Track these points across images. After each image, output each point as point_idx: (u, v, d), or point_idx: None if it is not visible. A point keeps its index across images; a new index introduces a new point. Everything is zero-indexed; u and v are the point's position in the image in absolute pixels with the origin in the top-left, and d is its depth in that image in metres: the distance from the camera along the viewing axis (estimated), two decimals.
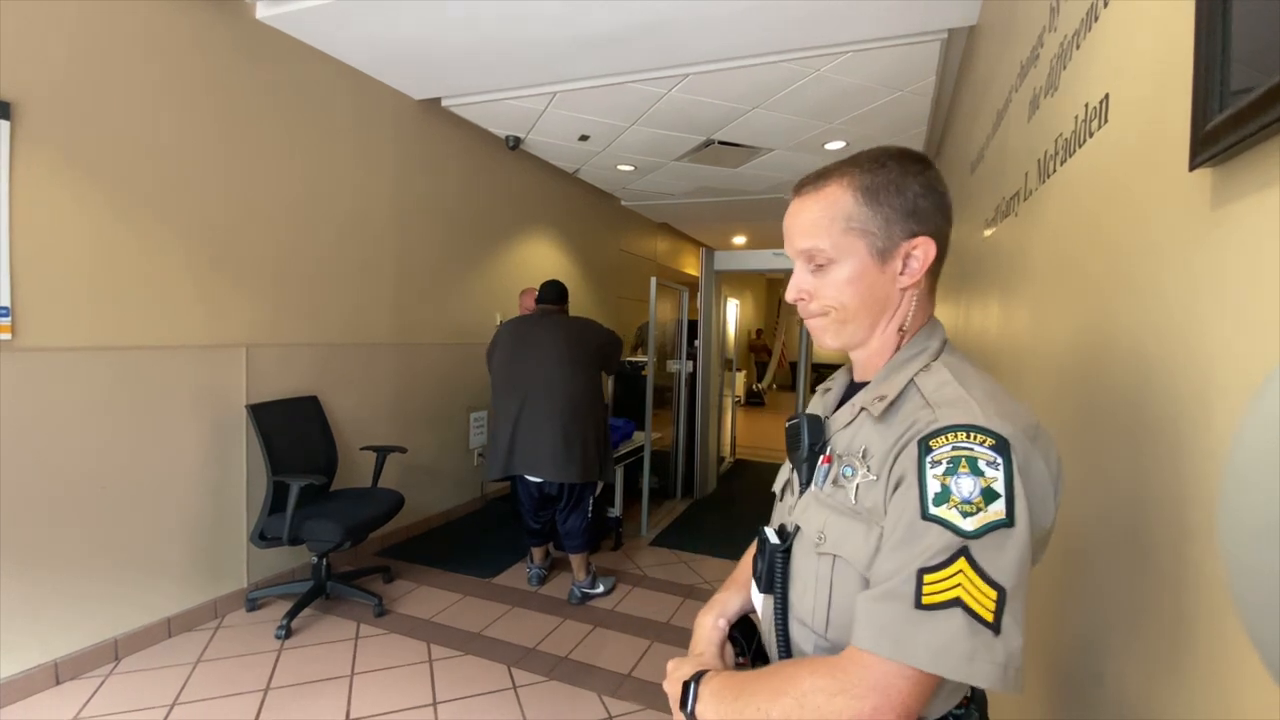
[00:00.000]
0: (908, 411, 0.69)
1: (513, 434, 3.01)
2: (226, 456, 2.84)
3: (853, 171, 0.73)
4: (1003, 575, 0.58)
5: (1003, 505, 0.59)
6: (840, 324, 0.76)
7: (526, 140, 4.59)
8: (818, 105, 3.72)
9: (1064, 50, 1.16)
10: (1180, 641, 0.67)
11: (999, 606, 0.58)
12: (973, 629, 0.57)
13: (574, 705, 2.27)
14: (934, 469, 0.62)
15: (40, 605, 2.23)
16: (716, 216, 7.30)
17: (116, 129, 2.39)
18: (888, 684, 0.59)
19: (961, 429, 0.62)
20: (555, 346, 3.03)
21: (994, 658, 0.57)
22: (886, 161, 0.73)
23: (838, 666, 0.62)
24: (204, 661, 2.45)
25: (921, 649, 0.58)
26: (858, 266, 0.73)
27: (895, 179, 0.72)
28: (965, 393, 0.66)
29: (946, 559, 0.59)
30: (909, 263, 0.73)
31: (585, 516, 3.12)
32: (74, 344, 2.29)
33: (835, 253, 0.73)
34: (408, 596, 3.10)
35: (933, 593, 0.59)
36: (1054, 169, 1.20)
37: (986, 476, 0.60)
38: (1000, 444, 0.61)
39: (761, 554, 0.81)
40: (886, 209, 0.72)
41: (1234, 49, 0.57)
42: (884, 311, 0.75)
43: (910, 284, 0.74)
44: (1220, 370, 0.61)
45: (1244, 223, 0.58)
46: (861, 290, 0.73)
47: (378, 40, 3.09)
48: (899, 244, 0.72)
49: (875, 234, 0.72)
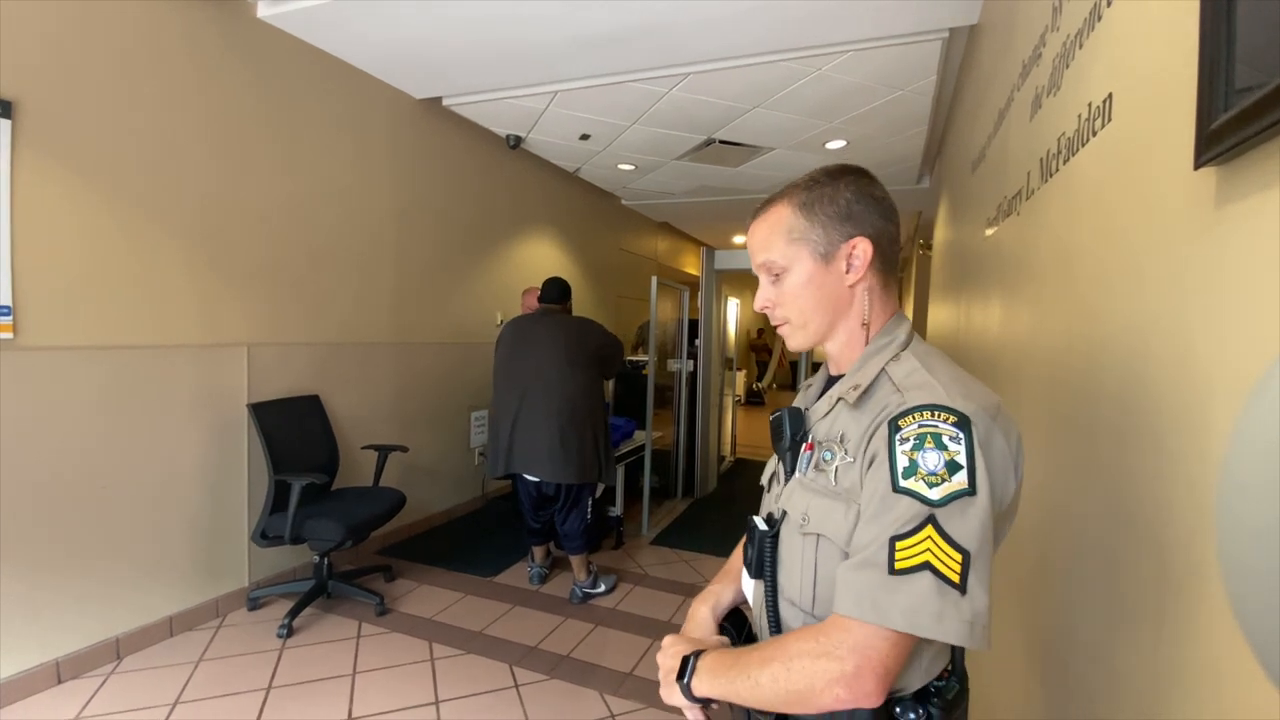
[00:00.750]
0: (880, 397, 0.75)
1: (511, 432, 3.01)
2: (228, 455, 2.84)
3: (792, 191, 0.83)
4: (966, 539, 0.64)
5: (965, 476, 0.65)
6: (802, 326, 0.84)
7: (527, 139, 4.59)
8: (818, 104, 3.72)
9: (1067, 49, 1.16)
10: (1178, 638, 0.67)
11: (964, 568, 0.63)
12: (941, 590, 0.63)
13: (576, 704, 2.27)
14: (902, 445, 0.68)
15: (41, 604, 2.23)
16: (717, 216, 7.29)
17: (117, 128, 2.39)
18: (868, 645, 0.64)
19: (927, 408, 0.68)
20: (555, 346, 3.03)
21: (961, 615, 0.63)
22: (820, 178, 0.82)
23: (821, 632, 0.68)
24: (206, 661, 2.46)
25: (896, 611, 0.63)
26: (807, 270, 0.81)
27: (828, 191, 0.81)
28: (931, 378, 0.73)
29: (915, 526, 0.65)
30: (851, 261, 0.81)
31: (584, 518, 3.12)
32: (75, 343, 2.29)
33: (785, 261, 0.82)
34: (409, 595, 3.10)
35: (904, 558, 0.64)
36: (1057, 168, 1.20)
37: (950, 450, 0.66)
38: (962, 420, 0.67)
39: (751, 541, 0.86)
40: (822, 217, 0.80)
41: (1239, 48, 0.57)
42: (839, 309, 0.83)
43: (857, 280, 0.81)
44: (1222, 370, 0.62)
45: (1248, 223, 0.58)
46: (814, 291, 0.82)
47: (378, 39, 3.09)
48: (839, 246, 0.80)
49: (815, 240, 0.81)
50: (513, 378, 3.06)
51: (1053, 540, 1.11)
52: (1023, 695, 1.25)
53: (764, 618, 0.82)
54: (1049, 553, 1.12)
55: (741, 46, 3.07)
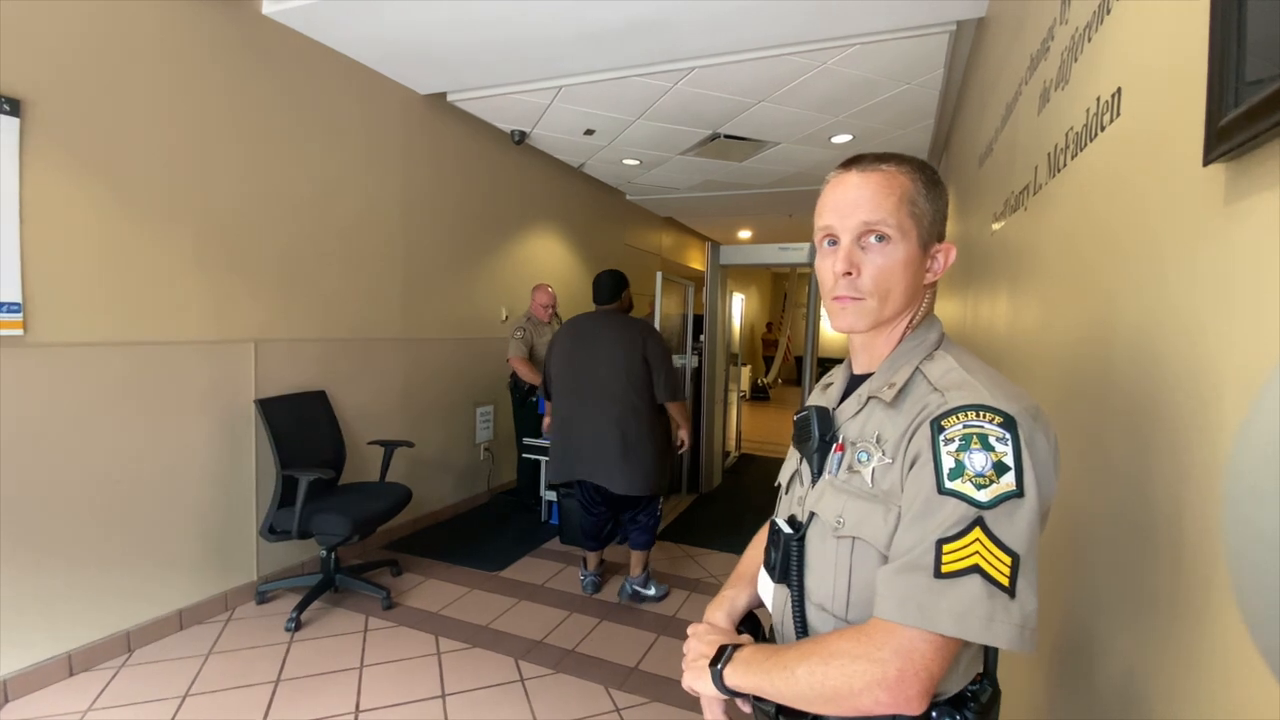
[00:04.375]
0: (917, 396, 0.73)
1: (573, 438, 2.95)
2: (236, 450, 2.87)
3: (908, 168, 0.77)
4: (1015, 542, 0.62)
5: (1013, 477, 0.63)
6: (876, 307, 0.77)
7: (532, 135, 4.59)
8: (825, 98, 3.70)
9: (1075, 43, 1.15)
10: (1194, 637, 0.67)
11: (1014, 571, 0.61)
12: (990, 593, 0.61)
13: (581, 698, 2.28)
14: (947, 446, 0.66)
15: (53, 597, 2.25)
16: (722, 211, 7.28)
17: (125, 125, 2.40)
18: (911, 648, 0.63)
19: (971, 408, 0.66)
20: (611, 351, 2.91)
21: (1011, 619, 0.61)
22: (931, 173, 0.79)
23: (863, 633, 0.66)
24: (215, 654, 2.48)
25: (945, 615, 0.62)
26: (910, 251, 0.76)
27: (939, 189, 0.79)
28: (970, 377, 0.71)
29: (963, 529, 0.63)
30: (934, 261, 0.79)
31: (654, 515, 3.09)
32: (85, 339, 2.31)
33: (897, 231, 0.75)
34: (416, 590, 3.12)
35: (951, 561, 0.62)
36: (1065, 163, 1.19)
37: (997, 451, 0.64)
38: (1008, 421, 0.65)
39: (775, 545, 0.83)
40: (939, 204, 0.78)
41: (1249, 42, 0.56)
42: (910, 300, 0.79)
43: (933, 280, 0.80)
44: (1229, 367, 0.61)
45: (1258, 219, 0.58)
46: (909, 275, 0.77)
47: (383, 35, 3.09)
48: (933, 242, 0.78)
49: (927, 226, 0.77)
50: (570, 382, 2.96)
51: (1065, 538, 1.11)
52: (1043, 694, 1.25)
53: (788, 623, 0.80)
54: (1062, 551, 1.12)
55: (748, 40, 3.06)
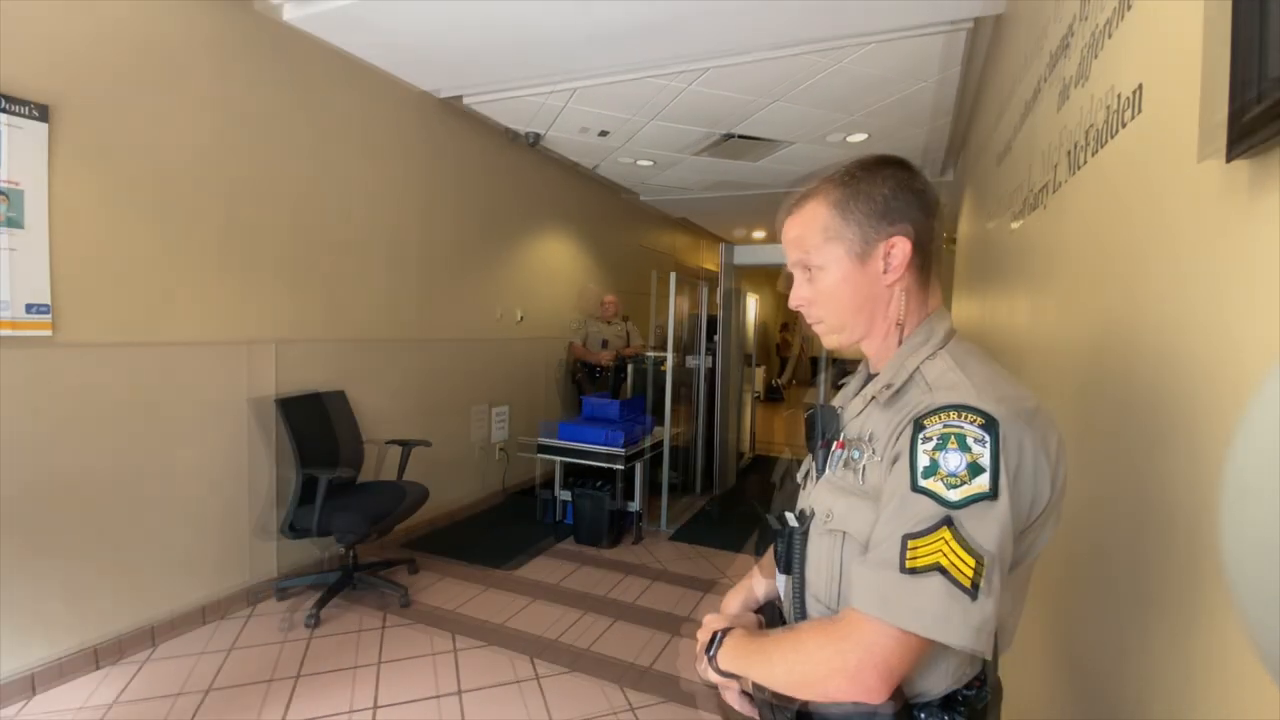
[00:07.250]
0: (911, 396, 0.74)
1: None
2: (256, 449, 2.91)
3: (827, 187, 0.80)
4: (984, 544, 0.63)
5: (987, 479, 0.63)
6: (838, 329, 0.83)
7: (546, 137, 4.61)
8: (839, 97, 3.68)
9: (1095, 39, 1.14)
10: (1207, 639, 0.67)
11: (976, 574, 0.62)
12: (950, 593, 0.62)
13: (596, 696, 2.29)
14: (925, 445, 0.67)
15: (79, 592, 2.30)
16: (736, 211, 7.26)
17: (149, 131, 2.45)
18: (872, 641, 0.65)
19: (953, 408, 0.67)
20: None
21: (968, 620, 0.62)
22: (857, 172, 0.79)
23: (833, 623, 0.70)
24: (237, 649, 2.52)
25: (905, 609, 0.63)
26: (842, 270, 0.79)
27: (864, 187, 0.78)
28: (963, 377, 0.71)
29: (930, 526, 0.64)
30: (889, 260, 0.78)
31: None
32: (112, 340, 2.36)
33: (820, 261, 0.80)
34: (432, 588, 3.15)
35: (915, 557, 0.64)
36: (1085, 160, 1.18)
37: (973, 452, 0.64)
38: (989, 422, 0.65)
39: (781, 537, 0.87)
40: (858, 214, 0.78)
41: (1272, 38, 0.56)
42: (876, 308, 0.80)
43: (894, 279, 0.78)
44: (1253, 366, 0.61)
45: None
46: (849, 292, 0.79)
47: (400, 40, 3.13)
48: (876, 245, 0.78)
49: (851, 239, 0.78)
50: None
51: (1081, 540, 1.10)
52: (1049, 695, 1.24)
53: (792, 613, 0.83)
54: (1076, 552, 1.11)
55: (762, 39, 3.05)
